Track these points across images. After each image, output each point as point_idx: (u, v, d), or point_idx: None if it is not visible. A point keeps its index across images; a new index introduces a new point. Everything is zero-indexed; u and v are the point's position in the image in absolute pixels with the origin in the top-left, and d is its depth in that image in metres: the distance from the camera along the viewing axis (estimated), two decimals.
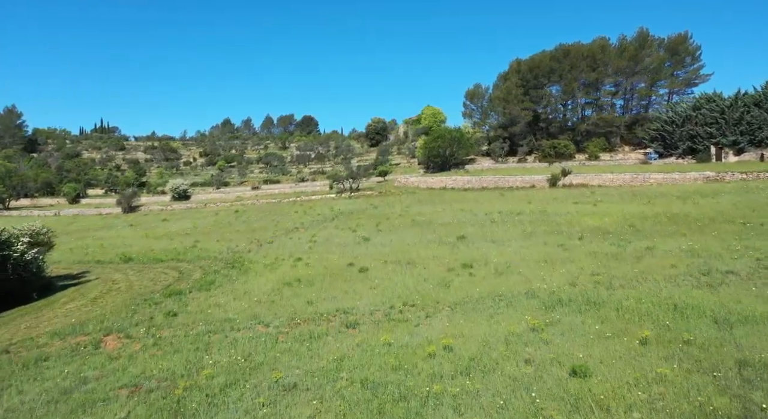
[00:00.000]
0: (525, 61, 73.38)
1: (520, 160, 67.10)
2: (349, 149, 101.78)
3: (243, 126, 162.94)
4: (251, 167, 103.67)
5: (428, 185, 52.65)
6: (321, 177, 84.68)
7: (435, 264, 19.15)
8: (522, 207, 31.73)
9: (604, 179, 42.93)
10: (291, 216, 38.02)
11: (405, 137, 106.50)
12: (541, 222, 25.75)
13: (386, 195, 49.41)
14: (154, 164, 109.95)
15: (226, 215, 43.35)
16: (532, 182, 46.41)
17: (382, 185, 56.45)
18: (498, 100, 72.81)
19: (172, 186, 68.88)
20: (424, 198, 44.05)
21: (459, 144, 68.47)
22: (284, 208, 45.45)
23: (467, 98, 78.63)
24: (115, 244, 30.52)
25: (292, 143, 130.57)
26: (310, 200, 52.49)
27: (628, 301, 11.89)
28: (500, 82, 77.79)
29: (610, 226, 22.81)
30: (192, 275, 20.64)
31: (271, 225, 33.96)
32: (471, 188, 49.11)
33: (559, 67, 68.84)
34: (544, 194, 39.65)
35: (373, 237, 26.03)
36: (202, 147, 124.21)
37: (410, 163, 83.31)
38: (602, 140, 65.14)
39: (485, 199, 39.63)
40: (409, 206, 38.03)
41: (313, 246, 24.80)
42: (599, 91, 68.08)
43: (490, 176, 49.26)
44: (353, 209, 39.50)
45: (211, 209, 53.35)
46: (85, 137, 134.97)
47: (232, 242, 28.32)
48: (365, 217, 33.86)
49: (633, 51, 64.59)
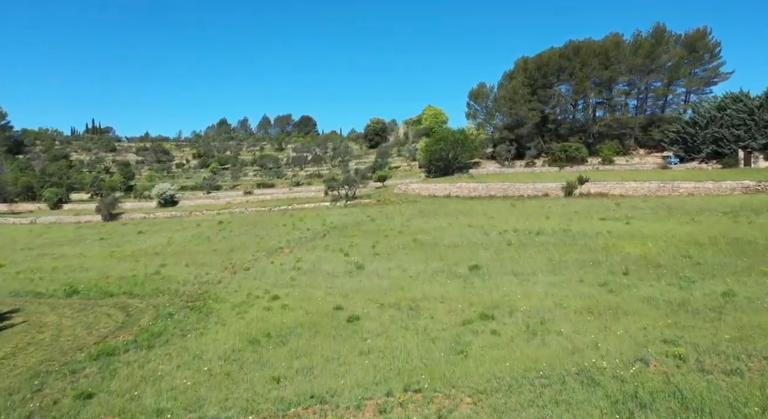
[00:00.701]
0: (532, 59, 69.08)
1: (528, 164, 62.85)
2: (347, 150, 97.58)
3: (239, 126, 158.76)
4: (245, 169, 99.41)
5: (430, 192, 48.42)
6: (317, 181, 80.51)
7: (445, 311, 14.91)
8: (540, 224, 27.51)
9: (627, 187, 38.67)
10: (278, 230, 33.81)
11: (405, 139, 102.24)
12: (569, 246, 21.52)
13: (385, 204, 45.20)
14: (145, 166, 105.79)
15: (208, 227, 39.15)
16: (545, 190, 42.17)
17: (380, 192, 52.22)
18: (504, 100, 68.53)
19: (158, 192, 64.63)
20: (427, 208, 39.84)
21: (462, 147, 64.21)
22: (273, 218, 41.23)
23: (471, 98, 74.36)
24: (71, 266, 26.29)
25: (289, 144, 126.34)
26: (303, 209, 48.29)
27: (748, 407, 7.71)
28: (506, 82, 73.51)
29: (658, 255, 18.56)
30: (140, 320, 16.42)
31: (254, 243, 29.73)
32: (477, 197, 44.87)
33: (569, 65, 64.56)
34: (561, 205, 35.42)
35: (368, 264, 21.81)
36: (196, 148, 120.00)
37: (411, 166, 79.07)
38: (616, 142, 60.88)
39: (495, 211, 35.41)
40: (410, 220, 33.82)
41: (296, 276, 20.57)
42: (612, 91, 63.79)
43: (498, 183, 45.01)
44: (347, 222, 35.30)
45: (195, 218, 49.13)
46: (76, 137, 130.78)
47: (204, 267, 24.09)
48: (360, 234, 29.63)
49: (649, 48, 60.32)
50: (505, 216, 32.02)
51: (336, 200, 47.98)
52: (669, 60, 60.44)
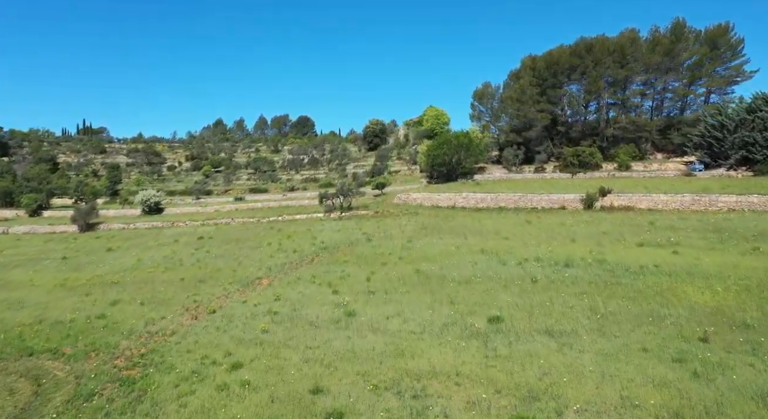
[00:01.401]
0: (541, 58, 64.68)
1: (537, 169, 58.48)
2: (344, 153, 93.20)
3: (235, 127, 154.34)
4: (239, 172, 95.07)
5: (433, 203, 44.06)
6: (313, 185, 76.20)
7: (462, 403, 10.54)
8: (567, 250, 23.14)
9: (655, 200, 34.26)
10: (261, 252, 29.42)
11: (405, 141, 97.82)
12: (611, 288, 17.13)
13: (383, 217, 40.85)
14: (135, 169, 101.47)
15: (185, 244, 34.76)
16: (561, 202, 37.79)
17: (378, 202, 47.87)
18: (510, 101, 64.14)
19: (142, 199, 60.26)
20: (430, 223, 35.47)
21: (467, 151, 59.87)
22: (259, 234, 36.84)
23: (475, 99, 69.94)
24: (6, 301, 21.90)
25: (285, 145, 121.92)
26: (294, 221, 43.96)
27: None
28: (512, 81, 69.14)
29: (739, 308, 14.15)
30: (47, 404, 12.10)
31: (230, 269, 25.37)
32: (485, 208, 40.51)
33: (581, 64, 60.16)
34: (584, 222, 30.99)
35: (360, 308, 17.45)
36: (190, 150, 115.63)
37: (411, 170, 74.70)
38: (631, 146, 56.49)
39: (508, 228, 31.02)
40: (412, 240, 29.42)
41: (269, 328, 16.19)
42: (627, 91, 59.34)
43: (509, 194, 40.56)
44: (340, 241, 30.90)
45: (176, 230, 44.74)
46: (66, 139, 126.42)
47: (162, 306, 19.73)
48: (354, 259, 25.25)
49: (667, 45, 55.89)
50: (521, 237, 27.63)
51: (330, 211, 43.62)
52: (689, 57, 56.07)
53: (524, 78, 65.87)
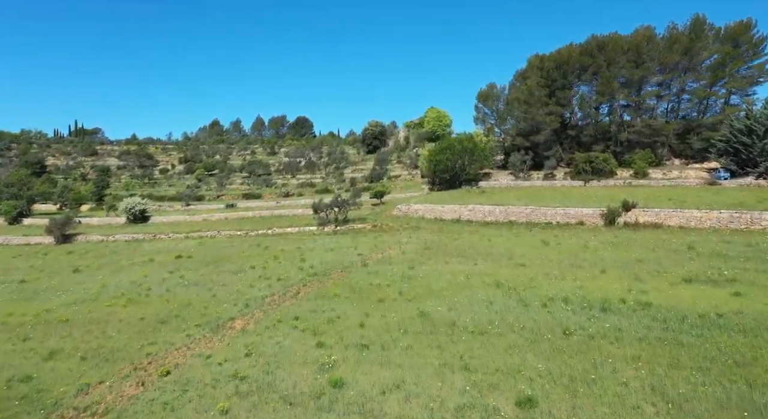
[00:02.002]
0: (549, 57, 60.82)
1: (547, 176, 54.61)
2: (342, 156, 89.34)
3: (232, 128, 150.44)
4: (233, 176, 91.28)
5: (437, 215, 40.25)
6: (309, 191, 72.45)
7: None
8: (599, 285, 19.29)
9: (687, 217, 30.41)
10: (241, 278, 25.59)
11: (406, 143, 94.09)
12: (672, 351, 13.27)
13: (382, 231, 37.06)
14: (126, 172, 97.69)
15: (160, 266, 30.91)
16: (578, 216, 33.97)
17: (377, 213, 44.05)
18: (517, 103, 60.28)
19: (127, 206, 56.54)
20: (434, 242, 31.67)
21: (471, 156, 56.13)
22: (243, 253, 32.99)
23: (479, 100, 66.05)
24: None
25: (282, 147, 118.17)
26: (284, 234, 40.21)
27: None
28: (518, 82, 65.32)
29: None
30: None
31: (201, 303, 21.55)
32: (494, 223, 36.70)
33: (593, 64, 56.33)
34: (611, 244, 27.11)
35: (350, 373, 13.64)
36: (183, 152, 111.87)
37: (412, 175, 70.92)
38: (647, 151, 52.62)
39: (523, 250, 27.18)
40: (414, 265, 25.58)
41: (229, 407, 12.34)
42: (642, 92, 55.45)
43: (521, 207, 36.68)
44: (332, 264, 27.07)
45: (157, 244, 40.93)
46: (57, 140, 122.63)
47: (107, 363, 15.91)
48: (346, 291, 21.42)
49: (686, 43, 52.02)
50: (540, 263, 23.78)
51: (324, 224, 39.79)
52: (709, 57, 52.21)
53: (531, 79, 62.04)
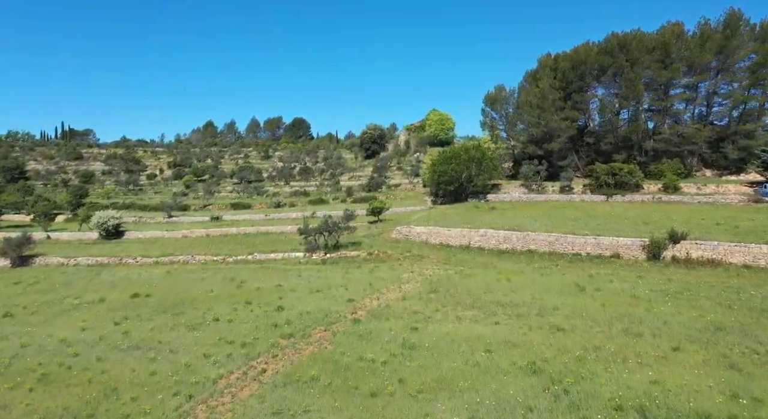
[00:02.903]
0: (565, 56, 55.03)
1: (564, 189, 48.86)
2: (339, 162, 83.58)
3: (226, 130, 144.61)
4: (224, 183, 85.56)
5: (442, 240, 34.55)
6: (302, 200, 66.72)
7: None
8: (684, 380, 13.54)
9: (754, 253, 24.60)
10: (199, 338, 19.83)
11: (406, 148, 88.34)
12: None
13: (378, 261, 31.37)
14: (112, 178, 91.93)
15: (108, 311, 25.12)
16: (613, 247, 28.19)
17: (374, 234, 38.33)
18: (529, 107, 54.50)
19: (98, 221, 50.77)
20: (442, 281, 25.95)
21: (479, 166, 50.37)
22: (209, 293, 27.13)
23: (487, 104, 60.27)
24: None
25: (277, 150, 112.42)
26: (266, 263, 34.59)
27: None
28: (529, 84, 59.56)
29: None
30: None
31: (132, 387, 15.83)
32: (511, 251, 30.99)
33: (613, 64, 50.53)
34: (670, 296, 21.19)
35: None
36: (173, 156, 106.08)
37: (413, 184, 65.18)
38: (676, 161, 46.88)
39: (555, 300, 21.38)
40: (418, 321, 19.82)
41: None
42: (669, 96, 49.65)
43: (542, 234, 30.82)
44: (315, 315, 21.27)
45: (118, 273, 35.15)
46: (42, 143, 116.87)
47: None
48: (326, 374, 15.62)
49: (720, 40, 46.24)
50: (583, 327, 17.98)
51: (312, 250, 34.09)
52: (745, 56, 46.45)
53: (543, 80, 56.31)
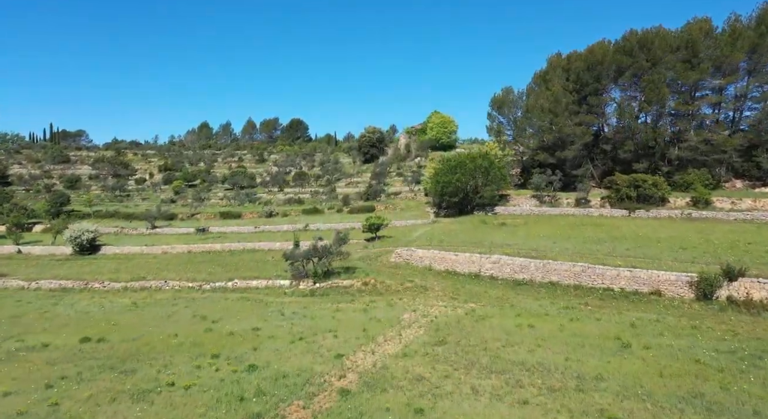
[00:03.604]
0: (579, 56, 50.53)
1: (580, 202, 44.40)
2: (336, 167, 79.07)
3: (221, 131, 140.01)
4: (215, 188, 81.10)
5: (448, 266, 30.08)
6: (296, 208, 62.33)
7: None
8: None
9: None
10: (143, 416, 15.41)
11: (407, 152, 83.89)
12: None
13: (374, 294, 26.90)
14: (99, 183, 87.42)
15: (43, 364, 20.57)
16: (653, 282, 23.68)
17: (371, 257, 33.80)
18: (540, 112, 50.00)
19: (71, 235, 46.30)
20: (450, 325, 21.47)
21: (486, 176, 45.93)
22: (175, 337, 22.69)
23: (494, 108, 55.74)
24: None
25: (273, 153, 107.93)
26: (248, 291, 30.14)
27: None
28: (537, 86, 55.12)
29: None
30: None
31: None
32: (530, 283, 26.51)
33: (633, 64, 46.05)
34: (738, 359, 16.67)
35: None
36: (165, 159, 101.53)
37: (414, 193, 60.72)
38: (704, 172, 42.43)
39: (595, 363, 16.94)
40: (424, 394, 15.43)
41: None
42: (695, 99, 45.14)
43: (567, 264, 26.24)
44: (292, 380, 16.80)
45: (79, 304, 30.61)
46: (28, 145, 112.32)
47: None
48: None
49: (753, 39, 41.77)
50: (644, 414, 13.54)
51: (299, 279, 29.60)
52: None
53: (554, 82, 51.86)
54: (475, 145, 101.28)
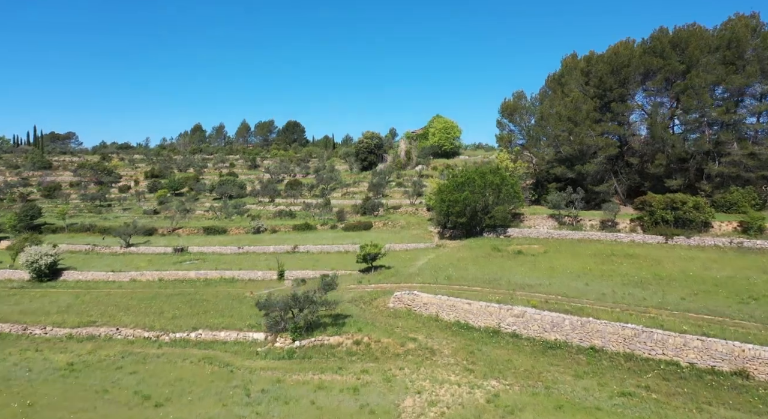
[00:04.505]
0: (600, 58, 44.58)
1: (606, 224, 38.50)
2: (332, 175, 73.10)
3: (215, 133, 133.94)
4: (202, 197, 75.20)
5: (458, 316, 24.18)
6: (287, 223, 56.49)
7: None
8: None
9: None
10: None
11: (407, 159, 77.95)
12: None
13: (367, 358, 21.06)
14: (80, 190, 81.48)
15: None
16: (735, 358, 17.75)
17: (364, 299, 27.90)
18: (557, 120, 44.11)
19: (28, 259, 40.50)
20: (464, 416, 15.68)
21: (498, 194, 40.10)
22: None
23: (504, 114, 49.77)
24: None
25: (266, 158, 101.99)
26: (213, 346, 24.33)
27: None
28: (551, 90, 49.25)
29: None
30: None
31: None
32: (564, 346, 20.64)
33: (664, 66, 40.15)
34: None
35: None
36: (152, 165, 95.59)
37: (416, 207, 54.84)
38: (749, 190, 36.60)
39: None
40: None
41: None
42: (740, 106, 39.26)
43: (615, 325, 20.30)
44: None
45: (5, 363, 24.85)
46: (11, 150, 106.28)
47: None
48: None
49: None
50: None
51: (275, 332, 23.74)
52: None
53: (571, 85, 45.96)
54: (479, 150, 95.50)
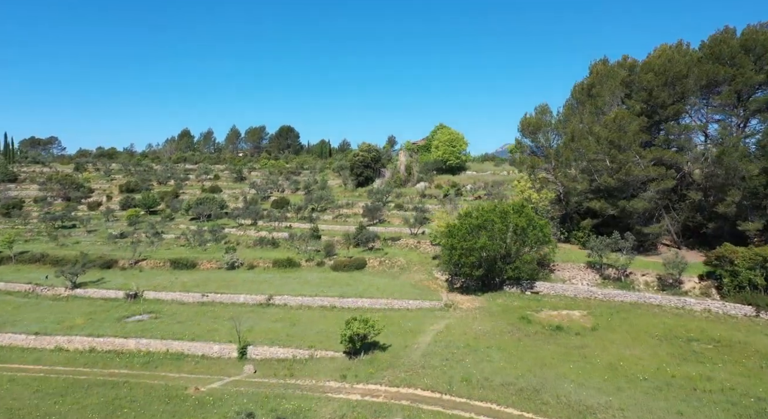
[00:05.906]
0: (646, 66, 35.53)
1: (665, 282, 29.47)
2: (323, 193, 63.97)
3: (203, 140, 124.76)
4: (178, 218, 66.17)
5: None
6: (267, 256, 47.43)
7: None
8: None
9: None
10: None
11: (408, 174, 68.91)
12: None
13: None
14: (44, 207, 72.47)
15: None
16: None
17: None
18: (594, 142, 35.04)
19: None
20: None
21: (524, 237, 31.24)
22: None
23: (525, 133, 40.51)
24: None
25: (254, 169, 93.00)
26: None
27: None
28: (579, 101, 40.30)
29: None
30: None
31: None
32: None
33: (736, 75, 31.20)
34: None
35: None
36: (128, 176, 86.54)
37: (417, 240, 45.79)
38: None
39: None
40: None
41: None
42: None
43: None
44: None
45: None
46: None
47: None
48: None
49: None
50: None
51: None
52: None
53: (605, 97, 36.99)
54: (486, 163, 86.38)
